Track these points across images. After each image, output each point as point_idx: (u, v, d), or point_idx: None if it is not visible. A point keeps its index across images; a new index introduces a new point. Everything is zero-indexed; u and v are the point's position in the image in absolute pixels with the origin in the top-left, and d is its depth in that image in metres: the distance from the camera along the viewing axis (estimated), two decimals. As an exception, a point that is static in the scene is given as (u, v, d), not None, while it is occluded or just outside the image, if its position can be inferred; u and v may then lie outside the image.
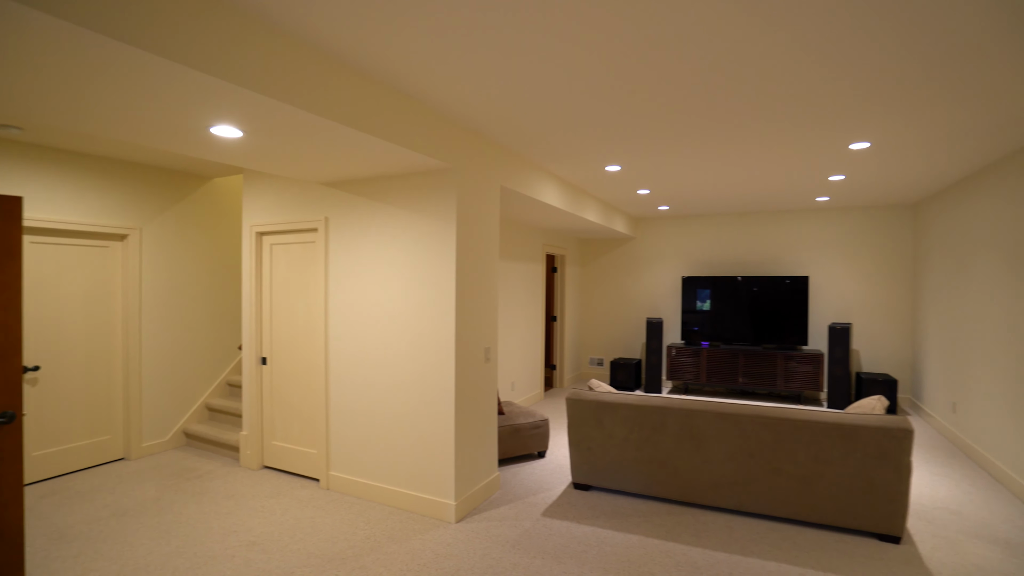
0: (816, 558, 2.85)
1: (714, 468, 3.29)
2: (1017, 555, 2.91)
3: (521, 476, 4.07)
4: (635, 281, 7.75)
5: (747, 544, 3.00)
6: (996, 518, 3.37)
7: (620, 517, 3.34)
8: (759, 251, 7.02)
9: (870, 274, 6.52)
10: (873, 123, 3.17)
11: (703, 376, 6.84)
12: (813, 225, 6.76)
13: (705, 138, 3.49)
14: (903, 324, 6.40)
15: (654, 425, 3.39)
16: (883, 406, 3.21)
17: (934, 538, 3.10)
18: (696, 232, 7.35)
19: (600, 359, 8.03)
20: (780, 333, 6.68)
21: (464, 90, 2.69)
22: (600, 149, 3.79)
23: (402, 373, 3.45)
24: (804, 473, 3.08)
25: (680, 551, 2.93)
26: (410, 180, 3.40)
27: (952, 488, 3.86)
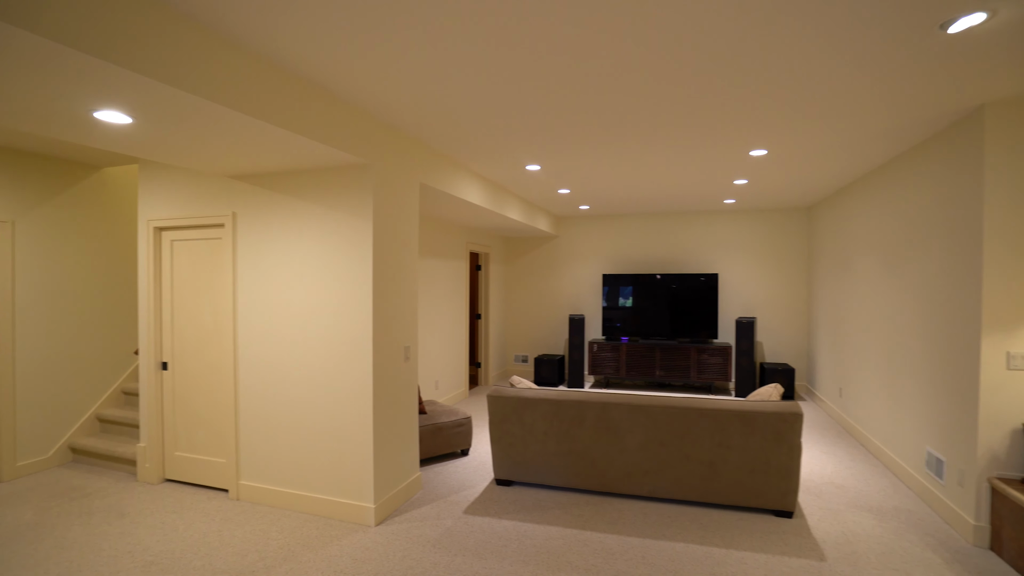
0: (720, 536, 3.05)
1: (629, 458, 3.43)
2: (885, 520, 3.26)
3: (444, 475, 4.05)
4: (558, 279, 7.92)
5: (659, 528, 3.16)
6: (872, 489, 3.76)
7: (541, 510, 3.41)
8: (674, 250, 7.40)
9: (772, 272, 7.06)
10: (769, 133, 3.42)
11: (623, 370, 7.11)
12: (722, 226, 7.21)
13: (620, 142, 3.63)
14: (799, 318, 6.98)
15: (573, 419, 3.48)
16: (779, 393, 3.48)
17: (821, 510, 3.41)
18: (615, 231, 7.62)
19: (525, 356, 8.14)
20: (693, 327, 7.07)
21: (380, 85, 2.63)
22: (520, 148, 3.83)
23: (317, 375, 3.32)
24: (710, 458, 3.28)
25: (597, 539, 3.03)
26: (325, 175, 3.28)
27: (838, 465, 4.26)
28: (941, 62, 2.36)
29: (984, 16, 1.93)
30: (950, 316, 3.25)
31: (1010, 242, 2.87)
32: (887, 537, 3.06)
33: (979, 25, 2.01)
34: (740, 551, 2.90)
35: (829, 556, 2.84)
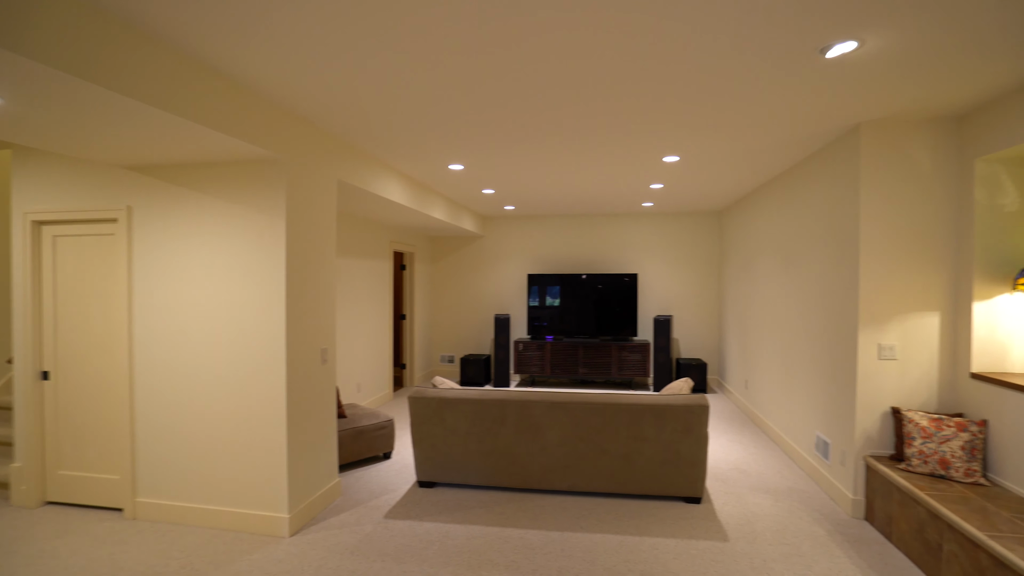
0: (635, 525, 3.19)
1: (550, 454, 3.51)
2: (781, 500, 3.55)
3: (365, 480, 3.95)
4: (484, 278, 7.95)
5: (577, 520, 3.26)
6: (770, 472, 4.08)
7: (463, 510, 3.41)
8: (597, 250, 7.64)
9: (687, 272, 7.46)
10: (680, 141, 3.62)
11: (547, 368, 7.25)
12: (641, 228, 7.54)
13: (542, 144, 3.70)
14: (712, 315, 7.43)
15: (495, 418, 3.51)
16: (689, 387, 3.69)
17: (726, 495, 3.65)
18: (540, 232, 7.76)
19: (451, 356, 8.10)
20: (615, 326, 7.34)
21: (290, 77, 2.52)
22: (442, 147, 3.81)
23: (226, 380, 3.13)
24: (626, 451, 3.42)
25: (518, 535, 3.08)
26: (233, 169, 3.10)
27: (742, 451, 4.59)
28: (824, 83, 2.60)
29: (855, 44, 2.15)
30: (834, 313, 3.59)
31: (880, 248, 3.21)
32: (782, 515, 3.33)
33: (852, 52, 2.24)
34: (653, 537, 3.05)
35: (731, 536, 3.06)
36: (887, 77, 2.53)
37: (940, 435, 2.92)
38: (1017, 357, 2.97)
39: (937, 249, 3.18)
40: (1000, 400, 2.81)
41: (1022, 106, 2.66)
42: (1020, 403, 2.67)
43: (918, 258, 3.19)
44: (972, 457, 2.85)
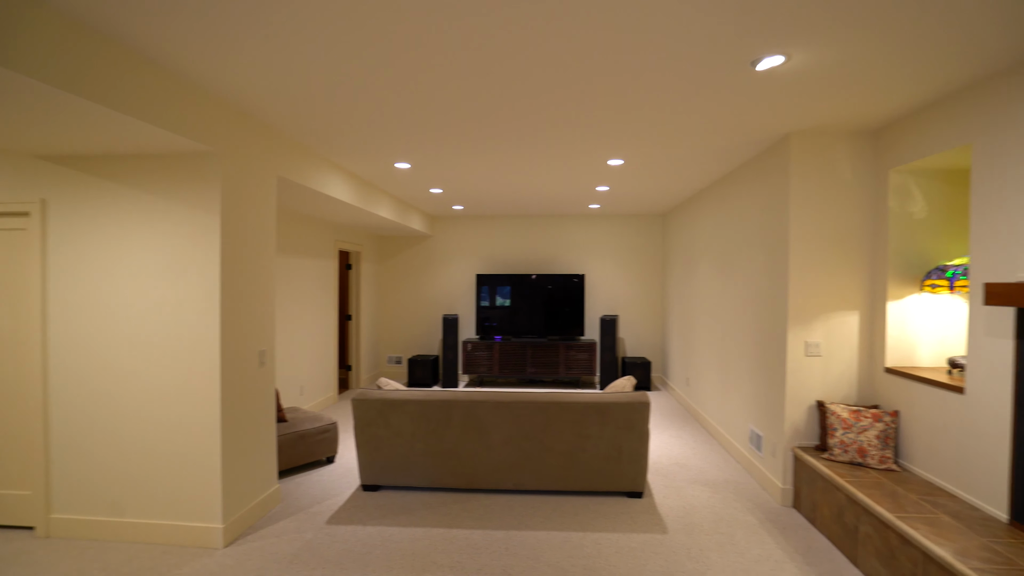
0: (578, 521, 3.25)
1: (495, 453, 3.52)
2: (718, 491, 3.71)
3: (306, 485, 3.83)
4: (433, 278, 7.89)
5: (523, 519, 3.28)
6: (709, 465, 4.25)
7: (408, 513, 3.37)
8: (545, 251, 7.72)
9: (632, 273, 7.66)
10: (624, 145, 3.72)
11: (496, 368, 7.27)
12: (588, 229, 7.67)
13: (489, 145, 3.71)
14: (656, 315, 7.66)
15: (440, 419, 3.49)
16: (631, 385, 3.79)
17: (666, 488, 3.78)
18: (489, 232, 7.76)
19: (399, 357, 7.98)
20: (563, 326, 7.44)
21: (225, 67, 2.41)
22: (388, 146, 3.75)
23: (155, 386, 2.96)
24: (570, 449, 3.48)
25: (463, 536, 3.07)
26: (164, 162, 2.93)
27: (682, 446, 4.75)
28: (756, 94, 2.73)
29: (783, 58, 2.27)
30: (766, 312, 3.78)
31: (807, 251, 3.41)
32: (718, 506, 3.48)
33: (780, 66, 2.36)
34: (596, 533, 3.11)
35: (671, 528, 3.16)
36: (812, 91, 2.69)
37: (858, 426, 3.13)
38: (924, 352, 3.23)
39: (857, 253, 3.41)
40: (909, 392, 3.04)
41: (927, 122, 2.89)
42: (926, 395, 2.90)
43: (840, 261, 3.41)
44: (886, 445, 3.07)
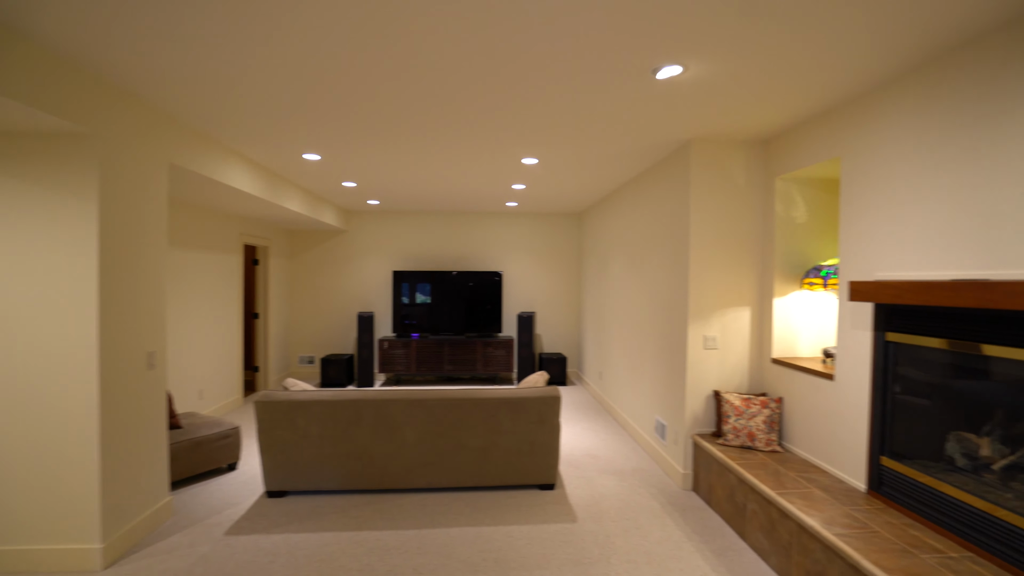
0: (491, 516, 3.28)
1: (408, 452, 3.47)
2: (625, 480, 3.89)
3: (204, 495, 3.58)
4: (347, 275, 7.63)
5: (436, 517, 3.26)
6: (618, 455, 4.44)
7: (316, 517, 3.24)
8: (463, 248, 7.71)
9: (549, 270, 7.83)
10: (538, 145, 3.79)
11: (413, 366, 7.17)
12: (506, 227, 7.75)
13: (403, 140, 3.64)
14: (572, 311, 7.88)
15: (350, 419, 3.39)
16: (544, 380, 3.88)
17: (577, 479, 3.91)
18: (406, 228, 7.63)
19: (311, 357, 7.66)
20: (481, 323, 7.47)
21: (103, 40, 2.19)
22: (296, 135, 3.58)
23: (19, 394, 2.63)
24: (483, 444, 3.51)
25: (374, 538, 3.01)
26: (29, 143, 2.61)
27: (594, 438, 4.93)
28: (659, 101, 2.88)
29: (680, 69, 2.42)
30: (670, 308, 4.01)
31: (706, 251, 3.66)
32: (625, 493, 3.64)
33: (679, 76, 2.51)
34: (508, 526, 3.16)
35: (580, 517, 3.28)
36: (709, 101, 2.88)
37: (749, 412, 3.41)
38: (805, 344, 3.56)
39: (749, 253, 3.69)
40: (791, 380, 3.35)
41: (805, 136, 3.19)
42: (804, 382, 3.21)
43: (734, 261, 3.69)
44: (771, 429, 3.36)
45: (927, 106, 2.35)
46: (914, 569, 1.99)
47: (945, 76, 2.26)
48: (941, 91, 2.28)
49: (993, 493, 2.10)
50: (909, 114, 2.45)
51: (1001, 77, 2.03)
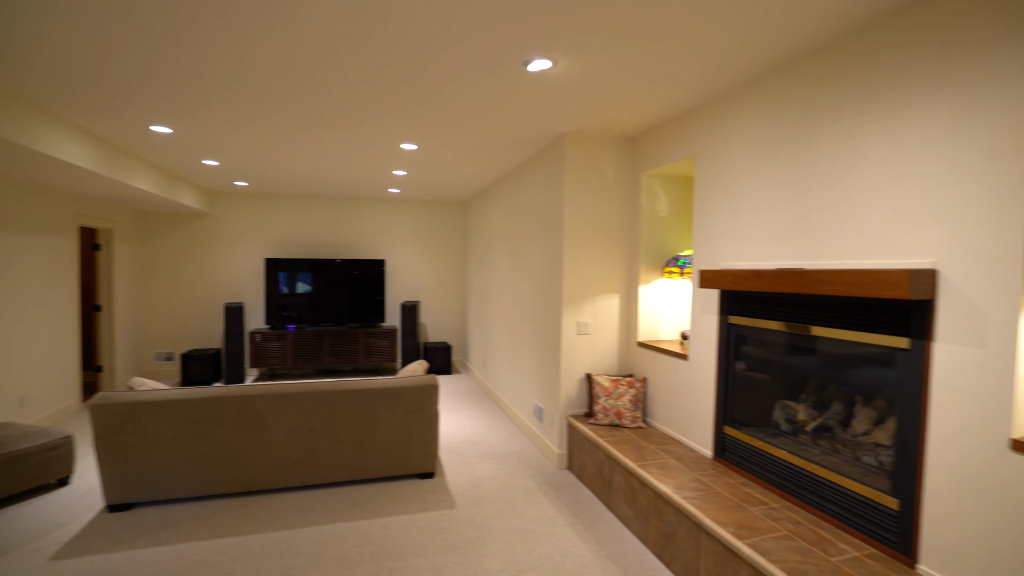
0: (368, 509, 3.21)
1: (278, 450, 3.27)
2: (505, 463, 4.00)
3: (25, 517, 3.10)
4: (213, 262, 6.97)
5: (308, 515, 3.12)
6: (499, 440, 4.55)
7: (169, 528, 2.95)
8: (343, 235, 7.38)
9: (434, 259, 7.76)
10: (416, 131, 3.71)
11: (290, 360, 6.76)
12: (389, 214, 7.54)
13: (270, 117, 3.38)
14: (457, 300, 7.89)
15: (209, 418, 3.11)
16: (424, 368, 3.85)
17: (457, 465, 3.94)
18: (281, 212, 7.14)
19: (170, 353, 6.91)
20: (363, 312, 7.22)
21: None
22: (141, 104, 3.17)
23: None
24: (360, 437, 3.41)
25: (238, 544, 2.80)
26: None
27: (477, 425, 5.00)
28: (534, 93, 2.95)
29: (550, 63, 2.50)
30: (547, 295, 4.16)
31: (578, 240, 3.84)
32: (504, 476, 3.74)
33: (550, 70, 2.59)
34: (385, 517, 3.11)
35: (459, 502, 3.31)
36: (580, 97, 3.00)
37: (617, 392, 3.65)
38: (666, 327, 3.89)
39: (618, 243, 3.94)
40: (653, 361, 3.64)
41: (666, 136, 3.46)
42: (664, 363, 3.51)
43: (605, 250, 3.91)
44: (637, 407, 3.63)
45: (764, 114, 2.66)
46: (743, 521, 2.27)
47: (780, 87, 2.56)
48: (775, 101, 2.58)
49: (805, 451, 2.46)
50: (750, 120, 2.75)
51: (817, 93, 2.34)
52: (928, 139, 1.88)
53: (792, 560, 1.98)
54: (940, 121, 1.84)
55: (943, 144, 1.83)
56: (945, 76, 1.82)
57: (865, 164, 2.11)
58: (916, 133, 1.92)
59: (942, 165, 1.83)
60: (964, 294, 1.75)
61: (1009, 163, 1.63)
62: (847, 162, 2.19)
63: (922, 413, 1.89)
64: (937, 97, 1.84)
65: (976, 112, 1.72)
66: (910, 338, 1.93)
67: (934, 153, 1.86)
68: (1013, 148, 1.62)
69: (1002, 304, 1.65)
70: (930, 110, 1.87)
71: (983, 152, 1.70)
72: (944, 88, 1.82)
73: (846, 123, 2.19)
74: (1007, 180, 1.64)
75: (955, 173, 1.79)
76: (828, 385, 2.47)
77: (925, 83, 1.88)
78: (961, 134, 1.77)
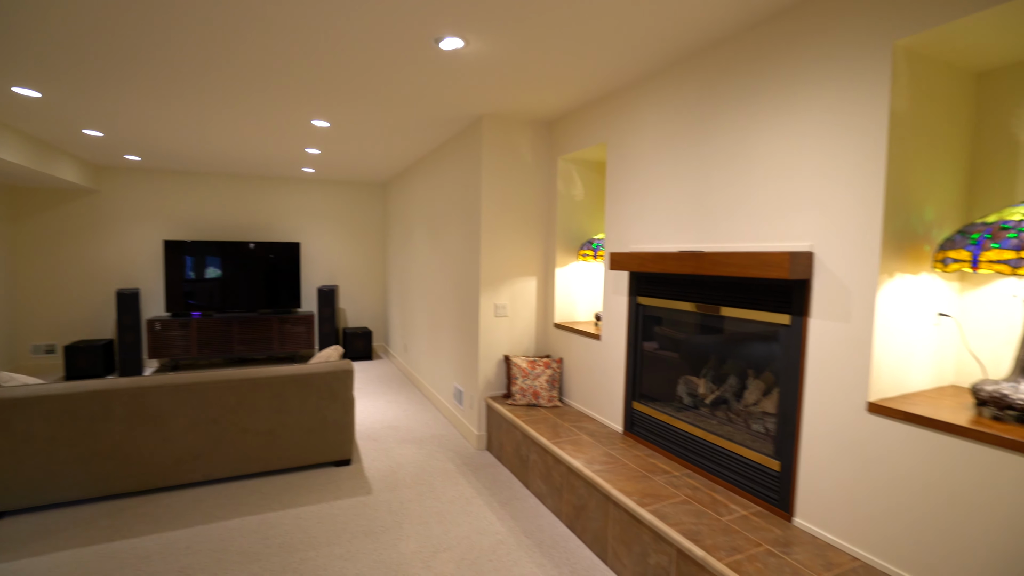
0: (279, 500, 3.09)
1: (177, 444, 3.06)
2: (424, 447, 3.99)
3: None
4: (101, 245, 6.33)
5: (212, 511, 2.96)
6: (419, 425, 4.52)
7: (46, 537, 2.68)
8: (253, 217, 6.95)
9: (352, 242, 7.50)
10: (328, 107, 3.54)
11: (195, 349, 6.32)
12: (304, 195, 7.18)
13: (161, 83, 3.09)
14: (378, 284, 7.69)
15: (95, 414, 2.85)
16: (338, 354, 3.74)
17: (376, 451, 3.88)
18: (183, 191, 6.59)
19: (51, 345, 6.24)
20: (276, 298, 6.87)
21: None
22: (-2, 62, 2.79)
23: None
24: (269, 427, 3.26)
25: (129, 547, 2.61)
26: None
27: (397, 410, 4.94)
28: (449, 73, 2.90)
29: (462, 43, 2.46)
30: (465, 278, 4.15)
31: (496, 223, 3.85)
32: (423, 460, 3.73)
33: (463, 49, 2.55)
34: (297, 508, 3.01)
35: (375, 488, 3.27)
36: (495, 79, 2.99)
37: (534, 373, 3.73)
38: (582, 309, 4.00)
39: (535, 226, 3.99)
40: (569, 342, 3.74)
41: (581, 121, 3.53)
42: (579, 343, 3.62)
43: (523, 233, 3.95)
44: (553, 387, 3.73)
45: (668, 103, 2.77)
46: (647, 490, 2.40)
47: (683, 78, 2.68)
48: (679, 91, 2.70)
49: (705, 422, 2.64)
50: (656, 108, 2.86)
51: (715, 85, 2.47)
52: (807, 133, 2.04)
53: (688, 522, 2.13)
54: (817, 117, 2.00)
55: (820, 138, 1.99)
56: (822, 75, 1.98)
57: (756, 154, 2.26)
58: (797, 128, 2.08)
59: (819, 157, 2.00)
60: (834, 274, 1.94)
61: (871, 159, 1.81)
62: (741, 151, 2.33)
63: (799, 382, 2.08)
64: (815, 95, 2.01)
65: (847, 111, 1.89)
66: (791, 315, 2.11)
67: (812, 146, 2.02)
68: (875, 145, 1.80)
69: (863, 283, 1.84)
70: (809, 107, 2.03)
71: (853, 148, 1.88)
72: (822, 86, 1.98)
73: (740, 114, 2.33)
74: (871, 173, 1.82)
75: (829, 165, 1.96)
76: (726, 360, 2.65)
77: (805, 81, 2.04)
78: (835, 130, 1.94)
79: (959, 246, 1.65)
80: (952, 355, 1.99)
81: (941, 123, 1.86)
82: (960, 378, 1.98)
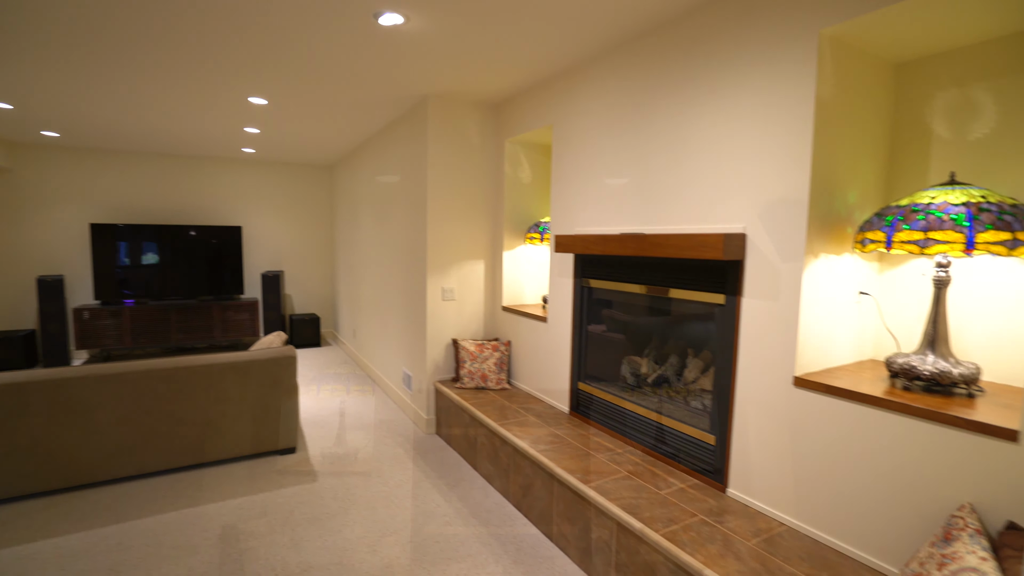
0: (219, 492, 2.99)
1: (105, 438, 2.90)
2: (372, 433, 3.94)
3: None
4: (17, 228, 5.87)
5: (146, 506, 2.83)
6: (367, 411, 4.46)
7: (-41, 539, 2.51)
8: (190, 199, 6.60)
9: (299, 225, 7.25)
10: (265, 84, 3.37)
11: (128, 339, 5.99)
12: (246, 177, 6.87)
13: (77, 53, 2.85)
14: (325, 269, 7.49)
15: (10, 409, 2.66)
16: (281, 340, 3.62)
17: (322, 438, 3.80)
18: (112, 171, 6.18)
19: (-36, 336, 5.76)
20: (217, 284, 6.58)
21: None
22: None
23: None
24: (207, 417, 3.14)
25: (53, 547, 2.46)
26: None
27: (345, 396, 4.85)
28: (390, 51, 2.81)
29: (402, 18, 2.38)
30: (412, 262, 4.09)
31: (443, 206, 3.80)
32: (370, 445, 3.69)
33: (403, 25, 2.47)
34: (239, 498, 2.92)
35: (321, 475, 3.21)
36: (438, 58, 2.92)
37: (482, 356, 3.73)
38: (530, 292, 4.03)
39: (482, 209, 3.96)
40: (517, 325, 3.76)
41: (527, 103, 3.51)
42: (526, 325, 3.64)
43: (470, 216, 3.92)
44: (501, 370, 3.75)
45: (612, 86, 2.78)
46: (591, 467, 2.46)
47: (626, 62, 2.69)
48: (622, 75, 2.72)
49: (647, 400, 2.71)
50: (600, 91, 2.87)
51: (656, 70, 2.50)
52: (741, 118, 2.10)
53: (628, 497, 2.19)
54: (749, 102, 2.06)
55: (752, 123, 2.05)
56: (755, 61, 2.03)
57: (694, 138, 2.31)
58: (732, 112, 2.13)
59: (752, 142, 2.06)
60: (764, 255, 2.02)
61: (799, 143, 1.88)
62: (679, 135, 2.38)
63: (733, 360, 2.17)
64: (747, 81, 2.06)
65: (778, 97, 1.95)
66: (725, 295, 2.19)
67: (745, 130, 2.08)
68: (802, 130, 1.87)
69: (790, 263, 1.92)
70: (742, 92, 2.08)
71: (783, 133, 1.94)
72: (754, 72, 2.04)
73: (679, 100, 2.38)
74: (798, 158, 1.89)
75: (761, 150, 2.02)
76: (667, 340, 2.73)
77: (738, 67, 2.09)
78: (767, 115, 2.00)
79: (876, 228, 1.75)
80: (872, 331, 2.12)
81: (863, 110, 1.95)
82: (879, 352, 2.11)
